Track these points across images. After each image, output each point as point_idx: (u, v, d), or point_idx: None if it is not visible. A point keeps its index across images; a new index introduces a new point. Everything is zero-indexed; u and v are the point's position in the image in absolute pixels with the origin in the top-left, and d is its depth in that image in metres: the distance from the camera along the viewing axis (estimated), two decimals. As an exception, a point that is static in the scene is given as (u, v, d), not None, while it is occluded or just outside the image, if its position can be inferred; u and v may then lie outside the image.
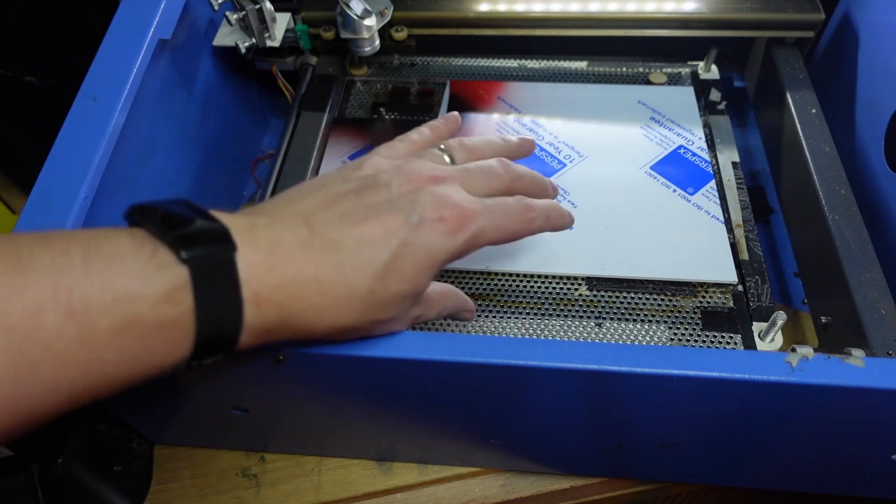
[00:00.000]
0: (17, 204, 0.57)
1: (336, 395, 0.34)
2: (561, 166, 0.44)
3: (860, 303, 0.35)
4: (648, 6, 0.48)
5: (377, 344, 0.29)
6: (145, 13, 0.38)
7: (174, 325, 0.22)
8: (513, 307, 0.38)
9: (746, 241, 0.40)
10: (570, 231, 0.40)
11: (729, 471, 0.40)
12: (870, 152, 0.44)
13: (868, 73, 0.46)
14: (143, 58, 0.36)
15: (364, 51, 0.47)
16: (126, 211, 0.24)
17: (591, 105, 0.48)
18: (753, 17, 0.47)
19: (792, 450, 0.35)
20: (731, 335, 0.36)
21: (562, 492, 0.42)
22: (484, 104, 0.48)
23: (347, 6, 0.44)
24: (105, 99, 0.35)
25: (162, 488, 0.42)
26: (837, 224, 0.38)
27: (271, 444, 0.43)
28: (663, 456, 0.37)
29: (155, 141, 0.40)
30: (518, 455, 0.40)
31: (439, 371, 0.30)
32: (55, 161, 0.33)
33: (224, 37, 0.45)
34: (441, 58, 0.52)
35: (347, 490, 0.42)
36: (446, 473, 0.42)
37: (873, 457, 0.34)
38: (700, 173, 0.43)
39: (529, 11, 0.48)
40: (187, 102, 0.44)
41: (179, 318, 0.22)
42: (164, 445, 0.43)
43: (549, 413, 0.34)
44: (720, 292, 0.38)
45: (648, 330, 0.36)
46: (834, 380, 0.28)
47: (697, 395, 0.30)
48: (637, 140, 0.45)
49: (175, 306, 0.22)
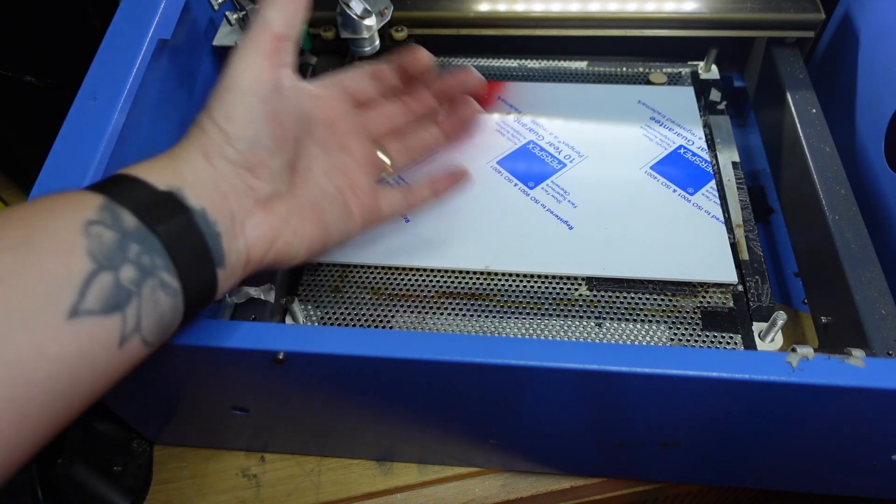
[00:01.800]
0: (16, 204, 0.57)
1: (336, 395, 0.34)
2: (561, 166, 0.44)
3: (860, 303, 0.35)
4: (648, 6, 0.48)
5: (377, 344, 0.29)
6: (145, 13, 0.38)
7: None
8: (513, 307, 0.38)
9: (746, 241, 0.40)
10: (570, 231, 0.40)
11: (729, 471, 0.40)
12: (870, 152, 0.44)
13: (868, 73, 0.46)
14: (143, 58, 0.36)
15: (364, 51, 0.47)
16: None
17: (591, 105, 0.48)
18: (753, 17, 0.47)
19: (792, 450, 0.35)
20: (731, 335, 0.36)
21: (562, 492, 0.42)
22: (484, 104, 0.48)
23: (347, 6, 0.44)
24: (105, 99, 0.35)
25: (162, 488, 0.42)
26: (837, 224, 0.38)
27: (271, 444, 0.43)
28: (663, 456, 0.37)
29: (155, 141, 0.40)
30: (518, 455, 0.40)
31: (439, 371, 0.30)
32: (55, 161, 0.33)
33: (224, 37, 0.45)
34: (441, 58, 0.52)
35: (347, 490, 0.42)
36: (446, 473, 0.42)
37: (873, 457, 0.34)
38: (700, 173, 0.43)
39: (529, 11, 0.48)
40: (187, 102, 0.44)
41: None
42: (164, 445, 0.43)
43: (549, 413, 0.34)
44: (720, 292, 0.38)
45: (648, 330, 0.36)
46: (834, 380, 0.28)
47: (697, 395, 0.30)
48: (637, 140, 0.45)
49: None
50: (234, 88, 0.27)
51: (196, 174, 0.26)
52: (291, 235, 0.29)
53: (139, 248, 0.23)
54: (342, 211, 0.33)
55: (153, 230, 0.23)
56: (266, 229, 0.28)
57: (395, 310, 0.38)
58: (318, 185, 0.32)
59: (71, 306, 0.21)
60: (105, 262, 0.22)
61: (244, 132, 0.27)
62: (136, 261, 0.23)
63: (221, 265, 0.26)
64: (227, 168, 0.27)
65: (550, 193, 0.42)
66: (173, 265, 0.24)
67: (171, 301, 0.24)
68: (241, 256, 0.27)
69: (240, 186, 0.27)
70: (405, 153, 0.38)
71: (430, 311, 0.38)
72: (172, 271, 0.24)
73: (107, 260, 0.22)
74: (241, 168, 0.27)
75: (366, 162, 0.35)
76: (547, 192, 0.42)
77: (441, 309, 0.38)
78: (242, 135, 0.27)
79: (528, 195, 0.42)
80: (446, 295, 0.38)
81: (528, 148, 0.45)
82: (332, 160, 0.33)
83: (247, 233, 0.27)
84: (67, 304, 0.21)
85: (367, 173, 0.35)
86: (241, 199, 0.27)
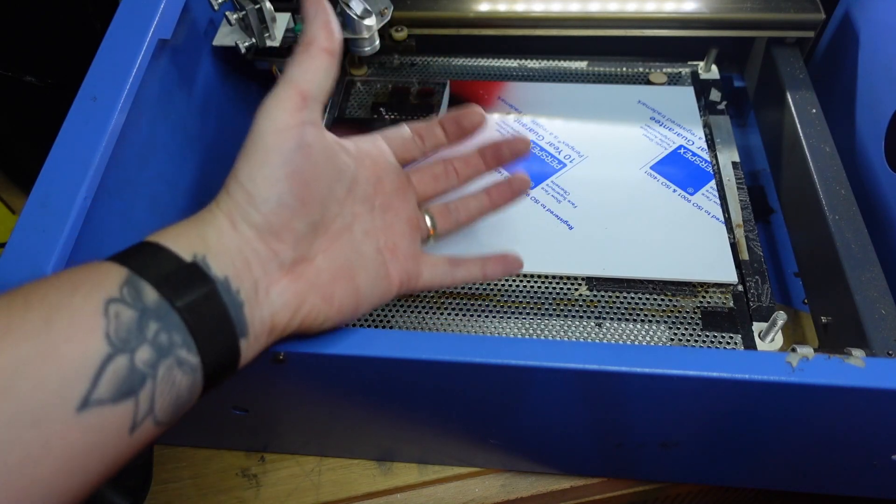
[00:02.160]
0: (17, 204, 0.57)
1: (336, 395, 0.34)
2: (561, 166, 0.44)
3: (860, 303, 0.35)
4: (648, 6, 0.48)
5: (377, 344, 0.29)
6: (145, 13, 0.38)
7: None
8: (513, 307, 0.38)
9: (746, 241, 0.40)
10: (570, 231, 0.40)
11: (729, 471, 0.40)
12: (870, 152, 0.44)
13: (868, 73, 0.46)
14: (143, 58, 0.36)
15: (364, 51, 0.47)
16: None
17: (591, 105, 0.48)
18: (753, 17, 0.47)
19: (792, 450, 0.35)
20: (731, 335, 0.36)
21: (562, 492, 0.42)
22: (484, 104, 0.48)
23: (347, 6, 0.44)
24: (105, 99, 0.35)
25: (162, 488, 0.42)
26: (837, 224, 0.38)
27: (271, 444, 0.43)
28: (663, 456, 0.37)
29: (155, 141, 0.40)
30: (518, 455, 0.40)
31: (439, 371, 0.30)
32: (55, 161, 0.33)
33: (224, 37, 0.45)
34: (441, 58, 0.52)
35: (347, 490, 0.42)
36: (446, 473, 0.42)
37: (873, 457, 0.34)
38: (700, 173, 0.43)
39: (529, 11, 0.48)
40: (187, 102, 0.44)
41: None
42: (164, 445, 0.43)
43: (549, 413, 0.34)
44: (720, 292, 0.38)
45: (648, 330, 0.36)
46: (834, 380, 0.28)
47: (697, 395, 0.30)
48: (637, 140, 0.45)
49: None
50: (257, 148, 0.26)
51: (220, 240, 0.25)
52: (320, 301, 0.28)
53: (158, 325, 0.22)
54: (379, 273, 0.31)
55: (173, 305, 0.23)
56: (291, 296, 0.27)
57: (395, 310, 0.38)
58: (355, 245, 0.30)
59: (82, 398, 0.20)
60: (121, 344, 0.22)
61: (268, 192, 0.26)
62: (154, 340, 0.22)
63: (244, 335, 0.25)
64: (251, 233, 0.26)
65: (550, 193, 0.42)
66: (193, 340, 0.23)
67: (188, 379, 0.23)
68: (266, 324, 0.26)
69: (264, 252, 0.26)
70: (451, 219, 0.36)
71: (430, 311, 0.38)
72: (192, 347, 0.23)
73: (123, 342, 0.22)
74: (265, 232, 0.26)
75: (411, 225, 0.33)
76: (547, 192, 0.42)
77: (441, 309, 0.38)
78: (266, 195, 0.26)
79: (529, 195, 0.42)
80: (446, 295, 0.38)
81: (528, 148, 0.45)
82: (376, 220, 0.32)
83: (271, 300, 0.26)
84: (79, 396, 0.20)
85: (410, 236, 0.33)
86: (265, 265, 0.26)
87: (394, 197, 0.33)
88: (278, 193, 0.26)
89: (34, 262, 0.30)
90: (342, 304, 0.29)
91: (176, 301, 0.23)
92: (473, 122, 0.34)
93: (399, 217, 0.33)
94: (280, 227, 0.26)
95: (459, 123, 0.34)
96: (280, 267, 0.27)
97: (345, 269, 0.29)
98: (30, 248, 0.30)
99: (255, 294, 0.26)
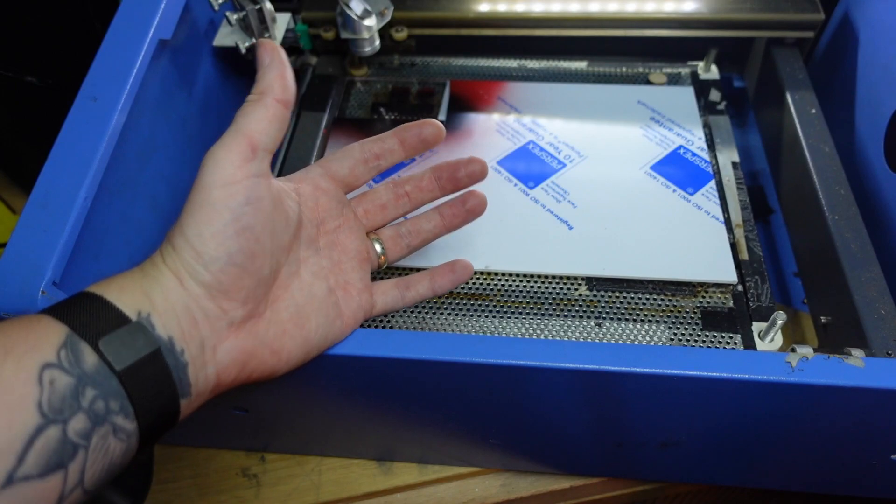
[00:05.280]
0: (17, 204, 0.57)
1: (336, 395, 0.34)
2: (561, 166, 0.44)
3: (860, 303, 0.35)
4: (648, 6, 0.48)
5: (377, 344, 0.29)
6: (145, 13, 0.38)
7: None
8: (513, 307, 0.38)
9: (746, 241, 0.40)
10: (570, 231, 0.40)
11: (728, 471, 0.40)
12: (870, 152, 0.44)
13: (868, 73, 0.46)
14: (143, 58, 0.36)
15: (364, 51, 0.47)
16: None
17: (591, 105, 0.48)
18: (753, 17, 0.47)
19: (791, 450, 0.35)
20: (731, 335, 0.36)
21: (562, 492, 0.42)
22: (484, 104, 0.48)
23: (347, 6, 0.44)
24: (105, 99, 0.35)
25: (162, 488, 0.42)
26: (837, 224, 0.38)
27: (271, 444, 0.43)
28: (663, 456, 0.37)
29: (155, 141, 0.40)
30: (518, 455, 0.40)
31: (439, 371, 0.30)
32: (55, 161, 0.33)
33: (224, 37, 0.45)
34: (441, 58, 0.52)
35: (347, 490, 0.42)
36: (446, 473, 0.42)
37: (873, 457, 0.34)
38: (700, 173, 0.43)
39: (529, 11, 0.48)
40: (187, 102, 0.44)
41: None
42: (164, 445, 0.44)
43: (549, 413, 0.34)
44: (720, 292, 0.38)
45: (648, 330, 0.36)
46: (834, 380, 0.28)
47: (697, 394, 0.30)
48: (637, 140, 0.45)
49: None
50: (204, 203, 0.25)
51: (166, 298, 0.24)
52: (268, 355, 0.27)
53: (95, 392, 0.21)
54: (329, 315, 0.30)
55: (113, 370, 0.22)
56: (238, 353, 0.26)
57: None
58: (304, 290, 0.29)
59: (6, 475, 0.19)
60: (54, 415, 0.20)
61: (216, 251, 0.25)
62: (90, 408, 0.21)
63: (186, 395, 0.24)
64: (199, 291, 0.25)
65: (550, 193, 0.42)
66: (131, 406, 0.22)
67: (122, 445, 0.23)
68: (210, 382, 0.26)
69: (213, 311, 0.25)
70: (402, 245, 0.35)
71: (430, 311, 0.38)
72: (129, 413, 0.22)
73: (56, 413, 0.20)
74: (214, 291, 0.25)
75: (360, 257, 0.33)
76: (547, 192, 0.42)
77: (441, 309, 0.38)
78: (215, 254, 0.25)
79: (528, 195, 0.42)
80: (446, 294, 0.38)
81: (528, 148, 0.45)
82: (323, 260, 0.31)
83: (218, 358, 0.26)
84: (3, 473, 0.19)
85: (360, 269, 0.33)
86: (213, 323, 0.25)
87: (339, 233, 0.32)
88: (227, 252, 0.25)
89: (34, 262, 0.30)
90: (290, 355, 0.28)
91: (116, 365, 0.22)
92: (433, 133, 0.33)
93: (346, 253, 0.32)
94: (229, 285, 0.25)
95: (420, 135, 0.33)
96: (229, 325, 0.26)
97: (295, 317, 0.29)
98: (30, 248, 0.30)
99: (201, 353, 0.25)
